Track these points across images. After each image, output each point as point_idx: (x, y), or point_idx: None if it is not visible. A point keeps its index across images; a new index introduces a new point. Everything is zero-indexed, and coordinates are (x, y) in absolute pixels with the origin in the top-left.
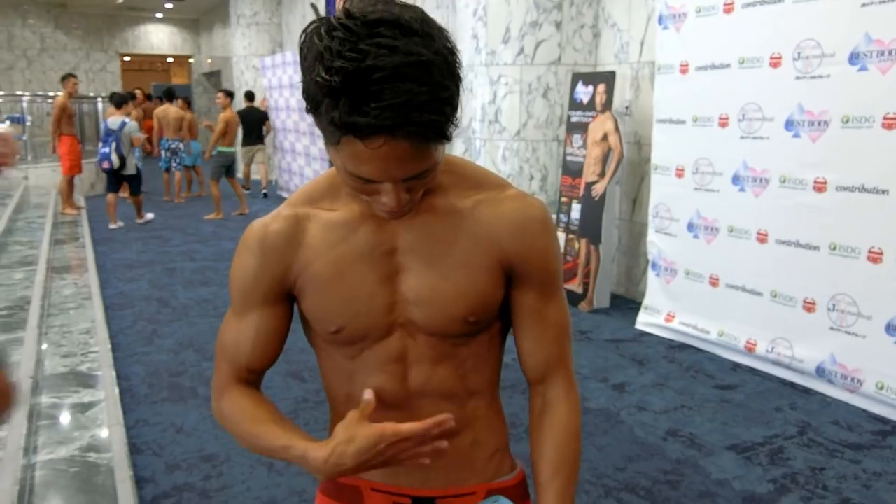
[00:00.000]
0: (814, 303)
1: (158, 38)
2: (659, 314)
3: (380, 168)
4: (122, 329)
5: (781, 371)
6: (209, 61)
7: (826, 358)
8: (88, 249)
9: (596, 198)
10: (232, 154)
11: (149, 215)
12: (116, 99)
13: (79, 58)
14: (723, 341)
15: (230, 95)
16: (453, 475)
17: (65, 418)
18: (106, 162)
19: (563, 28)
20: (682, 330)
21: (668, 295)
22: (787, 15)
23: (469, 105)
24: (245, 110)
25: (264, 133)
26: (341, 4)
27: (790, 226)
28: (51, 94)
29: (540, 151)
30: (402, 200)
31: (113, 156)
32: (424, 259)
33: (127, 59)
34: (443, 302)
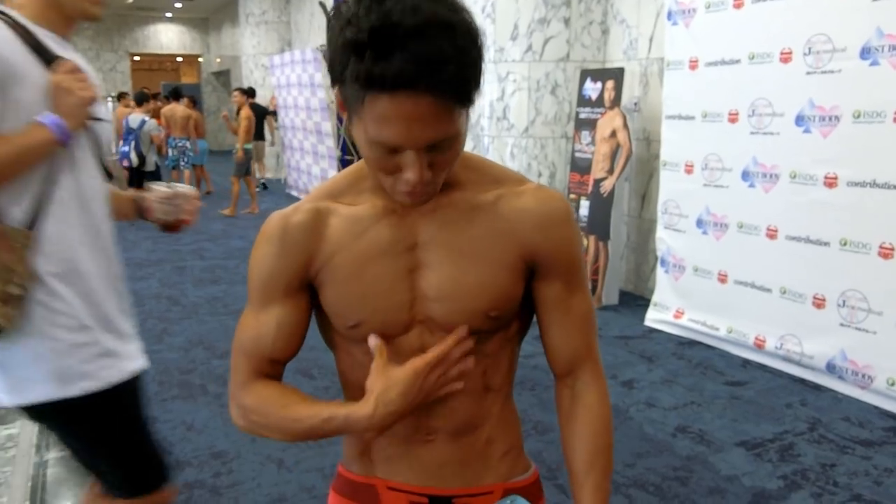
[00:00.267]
0: (824, 299)
1: (168, 38)
2: (668, 311)
3: (403, 130)
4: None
5: (791, 367)
6: (218, 60)
7: (836, 354)
8: None
9: (604, 194)
10: (251, 151)
11: None
12: (138, 97)
13: (89, 58)
14: (732, 338)
15: (245, 93)
16: (469, 473)
17: None
18: (126, 160)
19: (572, 24)
20: (692, 326)
21: (677, 291)
22: (798, 9)
23: (477, 102)
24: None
25: (266, 130)
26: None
27: (800, 222)
28: None
29: (548, 148)
30: (425, 177)
31: (132, 154)
32: (445, 253)
33: (137, 59)
34: (464, 296)
